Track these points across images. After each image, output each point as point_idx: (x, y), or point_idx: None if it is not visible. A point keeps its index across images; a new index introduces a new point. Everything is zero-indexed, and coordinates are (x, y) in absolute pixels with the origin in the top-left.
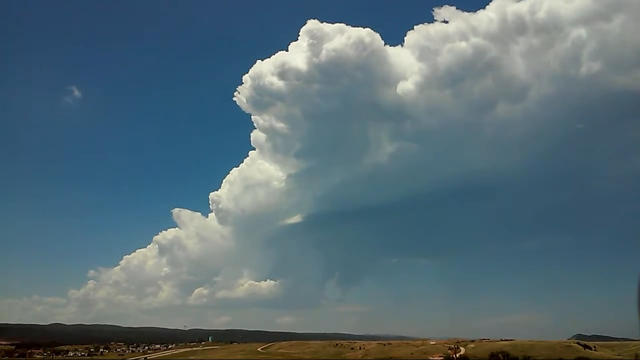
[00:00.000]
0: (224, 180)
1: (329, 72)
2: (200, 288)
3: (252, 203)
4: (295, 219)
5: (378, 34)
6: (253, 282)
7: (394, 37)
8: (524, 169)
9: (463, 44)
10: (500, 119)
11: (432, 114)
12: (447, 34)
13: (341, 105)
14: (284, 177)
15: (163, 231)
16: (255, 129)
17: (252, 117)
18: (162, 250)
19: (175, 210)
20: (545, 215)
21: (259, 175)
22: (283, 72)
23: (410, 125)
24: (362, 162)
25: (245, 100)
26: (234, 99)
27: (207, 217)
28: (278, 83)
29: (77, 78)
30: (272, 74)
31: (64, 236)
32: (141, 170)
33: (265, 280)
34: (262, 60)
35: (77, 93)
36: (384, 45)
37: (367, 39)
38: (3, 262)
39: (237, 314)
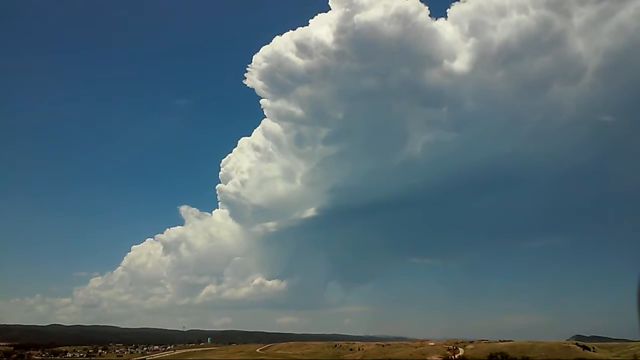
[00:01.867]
0: (230, 170)
1: (362, 48)
2: (202, 288)
3: (262, 197)
4: (309, 212)
5: (426, 6)
6: (253, 283)
7: (434, 8)
8: (556, 160)
9: (523, 16)
10: (550, 103)
11: (477, 99)
12: (503, 4)
13: (374, 87)
14: (299, 169)
15: (167, 229)
16: (266, 117)
17: (261, 101)
18: (166, 249)
19: (183, 208)
20: (554, 213)
21: (269, 166)
22: (307, 49)
23: (448, 111)
24: (392, 153)
25: (260, 83)
26: (245, 82)
27: (212, 213)
28: (300, 62)
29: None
30: (292, 52)
31: (66, 235)
32: (146, 167)
33: (267, 281)
34: (281, 35)
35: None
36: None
37: (411, 10)
38: (3, 262)
39: (237, 315)
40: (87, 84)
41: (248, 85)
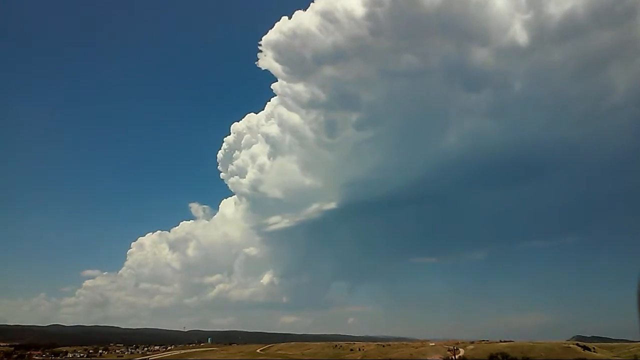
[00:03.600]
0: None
1: (398, 22)
2: (207, 288)
3: (270, 192)
4: (324, 207)
5: None
6: (257, 282)
7: None
8: (587, 151)
9: None
10: (604, 84)
11: (527, 82)
12: None
13: (412, 68)
14: (320, 160)
15: (174, 227)
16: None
17: (274, 85)
18: (172, 247)
19: (194, 205)
20: (563, 213)
21: (287, 159)
22: (334, 24)
23: (492, 96)
24: (425, 142)
25: (277, 65)
26: (258, 63)
27: (219, 210)
28: (325, 39)
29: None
30: (316, 26)
31: (70, 234)
32: (155, 164)
33: (271, 281)
34: (305, 10)
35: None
36: None
37: None
38: (6, 261)
39: (238, 316)
40: (91, 78)
41: (262, 68)
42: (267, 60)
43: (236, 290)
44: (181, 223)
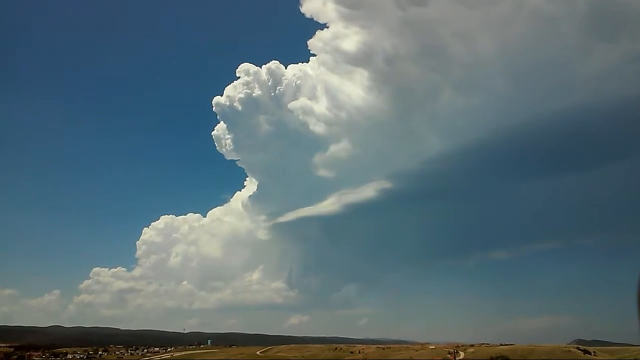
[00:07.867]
0: None
1: None
2: (212, 290)
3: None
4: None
5: None
6: (254, 283)
7: None
8: None
9: None
10: None
11: None
12: None
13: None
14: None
15: (183, 225)
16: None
17: (319, 33)
18: (181, 245)
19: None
20: (585, 211)
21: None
22: None
23: (623, 49)
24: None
25: (332, 6)
26: (301, 7)
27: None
28: None
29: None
30: None
31: (70, 231)
32: (163, 157)
33: (268, 281)
34: None
35: None
36: None
37: None
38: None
39: (241, 317)
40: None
41: (307, 15)
42: (314, 3)
43: (242, 290)
44: (189, 218)
